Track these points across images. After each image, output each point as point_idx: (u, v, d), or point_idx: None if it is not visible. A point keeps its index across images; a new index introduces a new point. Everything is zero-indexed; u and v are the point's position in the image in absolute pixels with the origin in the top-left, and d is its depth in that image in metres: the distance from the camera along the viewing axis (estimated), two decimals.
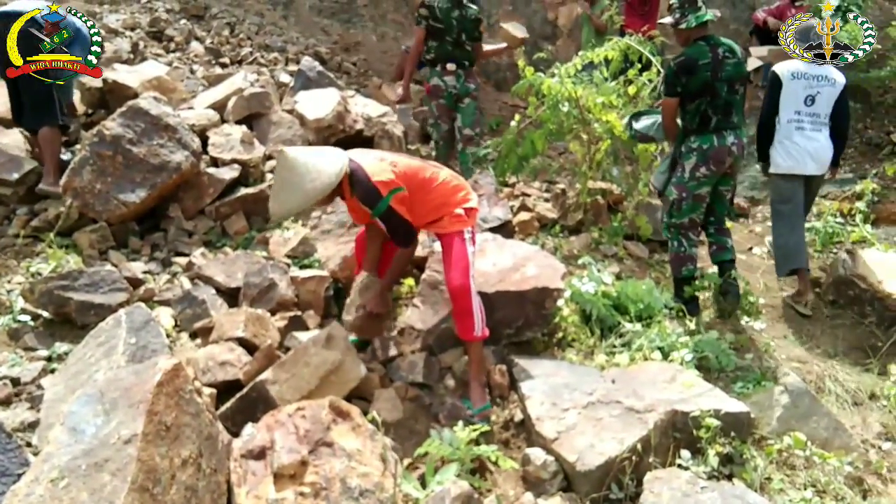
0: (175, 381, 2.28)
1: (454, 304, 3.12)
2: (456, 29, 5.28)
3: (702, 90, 3.95)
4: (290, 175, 2.86)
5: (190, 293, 3.63)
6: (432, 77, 5.33)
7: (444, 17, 5.26)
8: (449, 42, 5.28)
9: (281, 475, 2.26)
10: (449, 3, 5.28)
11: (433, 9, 5.29)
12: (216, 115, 5.10)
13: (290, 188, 2.86)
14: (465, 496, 2.15)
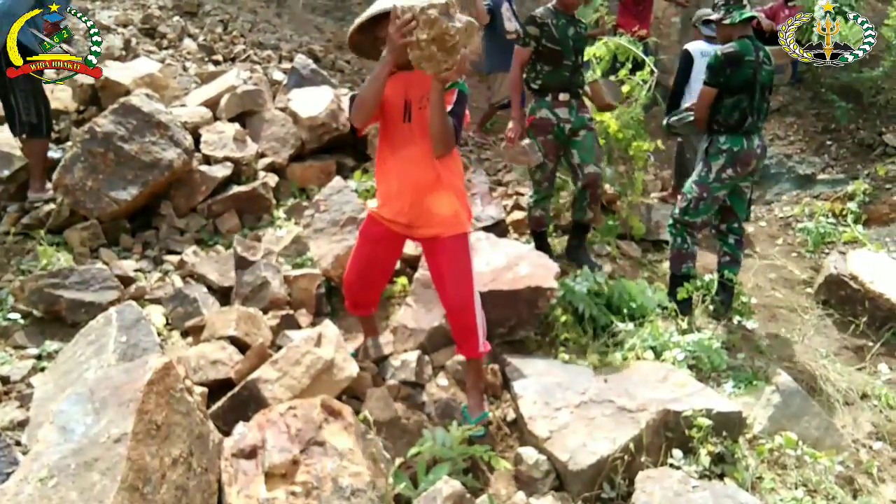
0: (166, 380, 2.26)
1: (455, 321, 2.89)
2: (572, 50, 4.27)
3: (742, 86, 3.88)
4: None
5: (181, 291, 3.62)
6: (539, 109, 4.28)
7: (561, 35, 4.21)
8: (567, 67, 4.26)
9: (272, 474, 2.25)
10: (565, 18, 4.26)
11: (546, 26, 4.21)
12: (209, 113, 5.08)
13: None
14: (457, 496, 2.14)
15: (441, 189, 2.84)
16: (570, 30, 4.24)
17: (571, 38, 4.23)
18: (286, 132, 5.15)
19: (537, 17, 4.21)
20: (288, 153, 5.08)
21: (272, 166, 4.98)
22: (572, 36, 4.24)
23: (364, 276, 3.07)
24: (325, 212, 4.14)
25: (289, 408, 2.44)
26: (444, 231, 2.84)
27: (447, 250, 2.85)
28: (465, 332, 2.90)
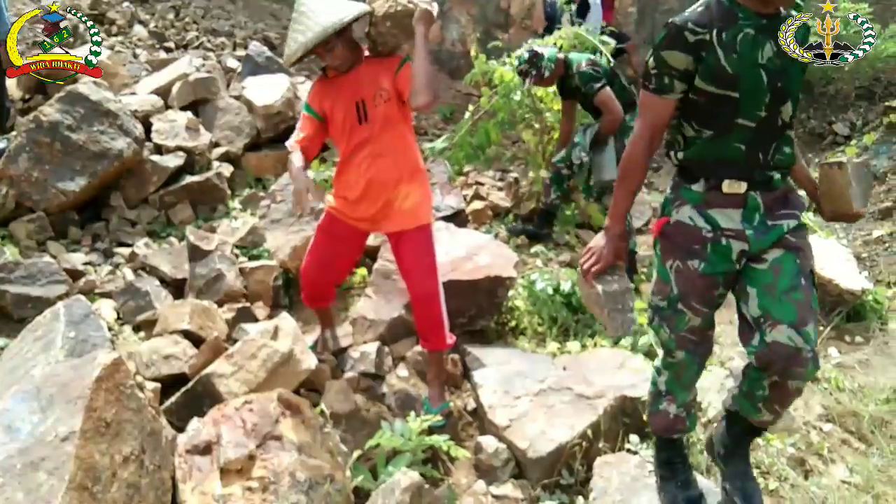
0: (115, 376, 2.20)
1: (421, 314, 2.88)
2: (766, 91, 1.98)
3: None
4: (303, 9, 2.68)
5: (133, 285, 3.53)
6: (678, 205, 2.12)
7: (742, 62, 1.96)
8: (747, 127, 1.98)
9: (228, 470, 2.21)
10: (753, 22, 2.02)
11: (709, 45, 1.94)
12: (160, 101, 4.96)
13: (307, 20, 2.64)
14: (415, 486, 2.14)
15: (404, 183, 2.84)
16: (762, 48, 1.98)
17: (764, 67, 1.97)
18: (241, 121, 5.06)
19: (689, 25, 1.93)
20: (243, 142, 4.99)
21: (227, 156, 4.89)
22: (767, 62, 1.97)
23: (324, 271, 3.04)
24: (282, 202, 4.08)
25: (244, 402, 2.40)
26: (407, 225, 2.85)
27: (411, 242, 2.85)
28: (431, 324, 2.90)
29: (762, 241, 2.03)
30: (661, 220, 2.19)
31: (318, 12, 2.62)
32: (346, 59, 2.77)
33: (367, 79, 2.78)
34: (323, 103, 2.84)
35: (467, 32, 8.85)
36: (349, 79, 2.80)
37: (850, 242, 5.30)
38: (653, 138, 2.07)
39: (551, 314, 3.64)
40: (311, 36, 2.61)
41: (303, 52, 2.66)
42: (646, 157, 2.10)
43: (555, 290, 3.67)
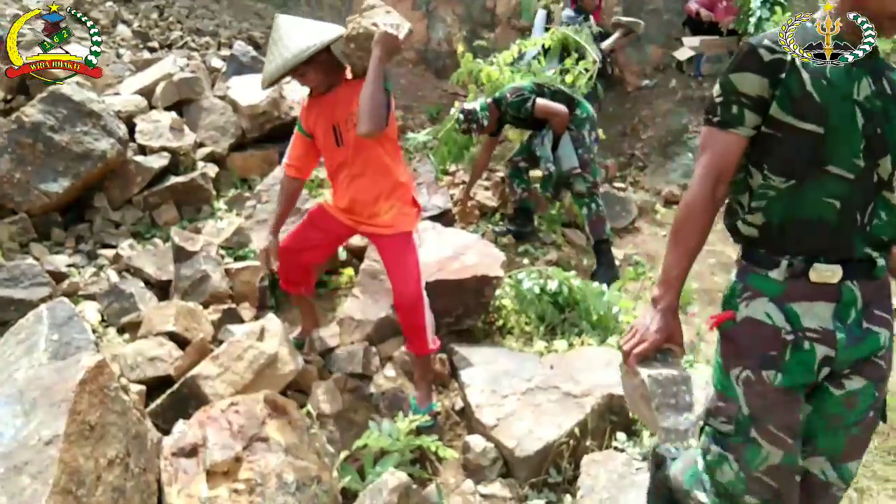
0: (99, 379, 2.18)
1: (404, 319, 2.90)
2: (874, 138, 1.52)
3: None
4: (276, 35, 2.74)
5: (117, 286, 3.50)
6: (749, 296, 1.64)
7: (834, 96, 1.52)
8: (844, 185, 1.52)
9: (214, 472, 2.20)
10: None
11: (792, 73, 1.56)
12: (144, 102, 4.91)
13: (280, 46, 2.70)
14: (402, 487, 2.13)
15: (383, 200, 2.90)
16: (858, 82, 1.56)
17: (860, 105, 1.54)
18: (226, 121, 5.02)
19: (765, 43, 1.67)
20: (228, 142, 4.96)
21: (212, 156, 4.86)
22: (864, 100, 1.54)
23: (299, 252, 3.09)
24: (268, 202, 4.06)
25: (230, 404, 2.39)
26: (385, 231, 2.90)
27: (391, 248, 2.89)
28: (414, 329, 2.91)
29: (851, 352, 1.57)
30: (724, 314, 1.69)
31: (289, 38, 2.68)
32: (320, 83, 2.83)
33: (341, 102, 2.80)
34: (309, 122, 2.93)
35: (453, 32, 8.84)
36: (328, 100, 2.85)
37: None
38: (717, 183, 1.60)
39: (538, 313, 3.65)
40: (279, 64, 2.69)
41: (271, 80, 2.79)
42: (708, 207, 1.60)
43: (542, 289, 3.68)
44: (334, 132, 2.84)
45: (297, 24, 2.76)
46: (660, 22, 8.36)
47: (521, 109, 4.62)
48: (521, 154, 4.94)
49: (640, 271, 4.77)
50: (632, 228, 5.72)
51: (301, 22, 2.80)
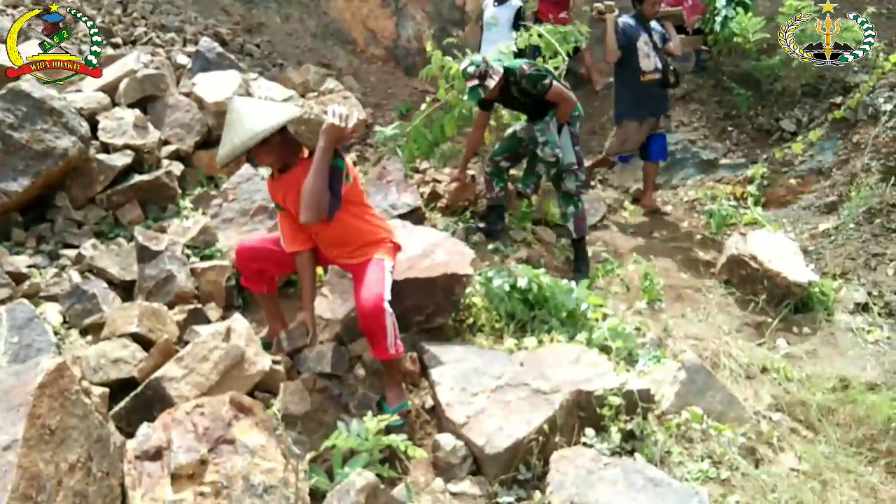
0: (59, 382, 2.14)
1: (364, 324, 2.88)
2: None
3: None
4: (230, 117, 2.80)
5: (79, 287, 3.42)
6: None
7: None
8: None
9: (179, 475, 2.17)
10: None
11: None
12: (107, 99, 4.81)
13: (232, 130, 2.77)
14: (370, 487, 2.12)
15: (358, 251, 3.05)
16: None
17: None
18: (191, 118, 4.94)
19: None
20: (193, 140, 4.88)
21: (177, 154, 4.78)
22: None
23: (263, 260, 3.14)
24: (234, 201, 4.01)
25: (196, 406, 2.35)
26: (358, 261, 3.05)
27: (362, 268, 2.99)
28: (375, 335, 2.88)
29: None
30: None
31: (241, 122, 2.74)
32: (275, 161, 2.93)
33: (298, 181, 2.83)
34: (278, 198, 3.04)
35: (423, 29, 8.82)
36: (286, 180, 2.95)
37: (797, 236, 5.44)
38: None
39: (508, 311, 3.66)
40: (233, 146, 2.75)
41: (226, 162, 2.84)
42: None
43: (512, 286, 3.68)
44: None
45: (251, 107, 2.82)
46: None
47: (537, 85, 4.45)
48: (503, 153, 4.92)
49: (609, 268, 4.81)
50: (600, 225, 5.77)
51: (256, 104, 2.88)
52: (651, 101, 5.62)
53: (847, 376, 3.77)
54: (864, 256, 5.05)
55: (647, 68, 5.50)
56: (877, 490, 3.01)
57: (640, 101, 5.59)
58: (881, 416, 3.38)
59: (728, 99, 7.05)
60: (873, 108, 5.97)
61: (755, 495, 2.78)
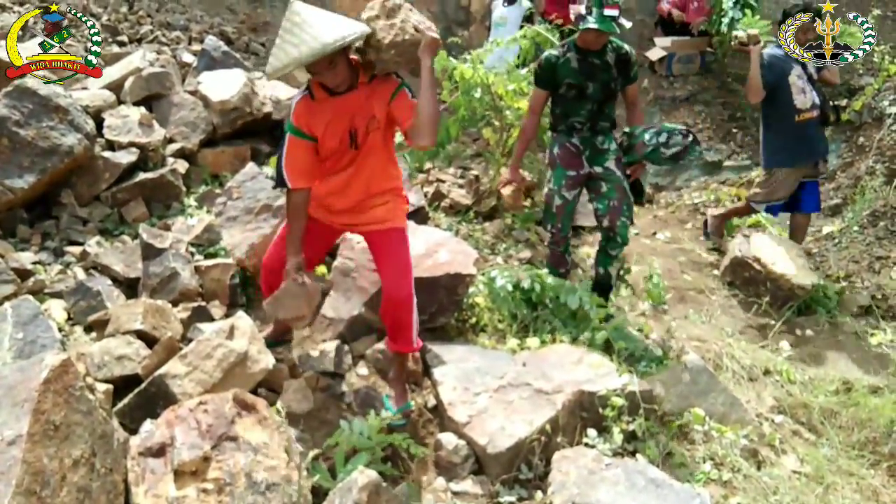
0: (64, 378, 2.15)
1: (393, 314, 2.82)
2: None
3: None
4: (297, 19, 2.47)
5: (84, 284, 3.44)
6: None
7: None
8: None
9: (182, 472, 2.17)
10: None
11: None
12: (112, 96, 4.83)
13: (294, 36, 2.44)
14: (372, 485, 2.12)
15: (377, 196, 2.85)
16: None
17: None
18: (196, 116, 4.95)
19: None
20: (198, 138, 4.89)
21: (182, 152, 4.79)
22: None
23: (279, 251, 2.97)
24: (239, 199, 4.01)
25: (199, 403, 2.36)
26: (379, 226, 2.87)
27: (384, 242, 2.85)
28: (401, 326, 2.86)
29: None
30: None
31: (316, 26, 2.43)
32: (345, 80, 2.61)
33: (360, 106, 2.66)
34: (312, 126, 2.69)
35: None
36: (341, 103, 2.66)
37: None
38: None
39: (511, 311, 3.66)
40: (305, 50, 2.40)
41: (295, 66, 2.46)
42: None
43: (515, 286, 3.69)
44: (351, 135, 2.70)
45: (322, 13, 2.53)
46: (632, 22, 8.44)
47: (633, 65, 3.88)
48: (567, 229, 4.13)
49: None
50: None
51: (323, 13, 2.55)
52: (808, 143, 4.78)
53: (850, 379, 3.77)
54: (868, 259, 5.05)
55: (802, 106, 4.68)
56: (879, 493, 3.01)
57: (796, 145, 4.76)
58: (884, 419, 3.38)
59: (733, 101, 7.06)
60: (878, 112, 5.97)
61: (757, 497, 2.78)
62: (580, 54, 3.72)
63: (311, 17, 2.46)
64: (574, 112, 3.82)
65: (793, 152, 4.79)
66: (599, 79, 3.74)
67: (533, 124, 4.03)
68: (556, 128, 3.97)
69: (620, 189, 3.79)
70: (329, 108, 2.66)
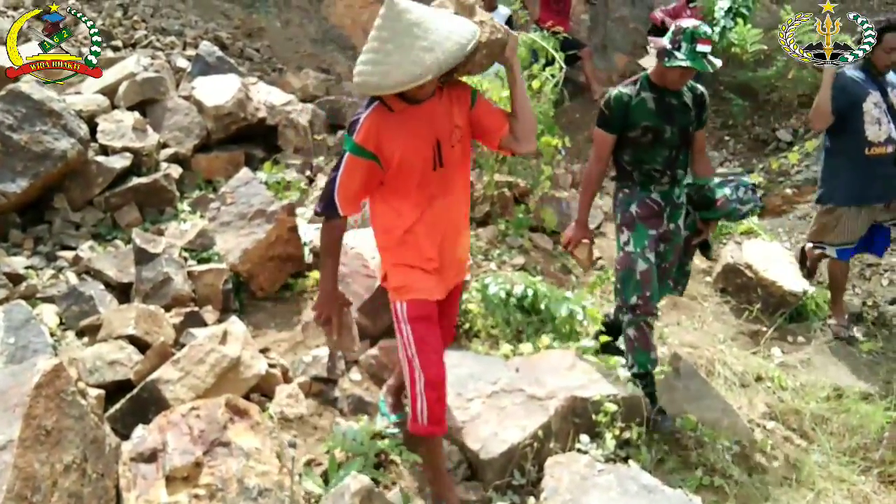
0: (56, 383, 2.15)
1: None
2: None
3: None
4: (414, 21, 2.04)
5: (76, 289, 3.43)
6: None
7: None
8: None
9: (173, 478, 2.17)
10: None
11: None
12: (106, 101, 4.83)
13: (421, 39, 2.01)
14: (364, 490, 2.12)
15: (463, 227, 2.52)
16: None
17: None
18: (190, 121, 4.96)
19: None
20: (192, 143, 4.90)
21: (175, 157, 4.79)
22: None
23: (441, 370, 2.47)
24: (233, 204, 4.00)
25: (191, 408, 2.35)
26: (462, 278, 2.64)
27: (457, 293, 2.68)
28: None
29: None
30: None
31: (440, 24, 2.06)
32: (434, 87, 2.24)
33: (441, 114, 2.27)
34: (384, 143, 2.22)
35: None
36: (423, 113, 2.25)
37: (793, 245, 5.46)
38: None
39: (504, 317, 3.67)
40: (441, 56, 2.00)
41: (436, 73, 2.01)
42: None
43: (508, 293, 3.70)
44: (436, 150, 2.28)
45: (428, 8, 2.16)
46: (626, 30, 8.50)
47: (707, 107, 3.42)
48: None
49: (605, 276, 4.83)
50: (597, 233, 5.78)
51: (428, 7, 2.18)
52: (880, 181, 4.13)
53: (841, 385, 3.79)
54: (859, 266, 5.08)
55: (874, 138, 4.06)
56: (869, 499, 3.03)
57: (864, 182, 4.12)
58: (874, 425, 3.40)
59: (725, 109, 7.09)
60: None
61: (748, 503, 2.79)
62: (656, 93, 3.21)
63: (427, 15, 2.08)
64: (649, 159, 3.24)
65: (860, 190, 4.14)
66: (678, 121, 3.23)
67: (600, 174, 3.37)
68: (627, 179, 3.33)
69: (677, 251, 3.41)
70: (409, 120, 2.24)
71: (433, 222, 2.34)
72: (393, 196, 2.33)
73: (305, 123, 5.55)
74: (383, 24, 2.06)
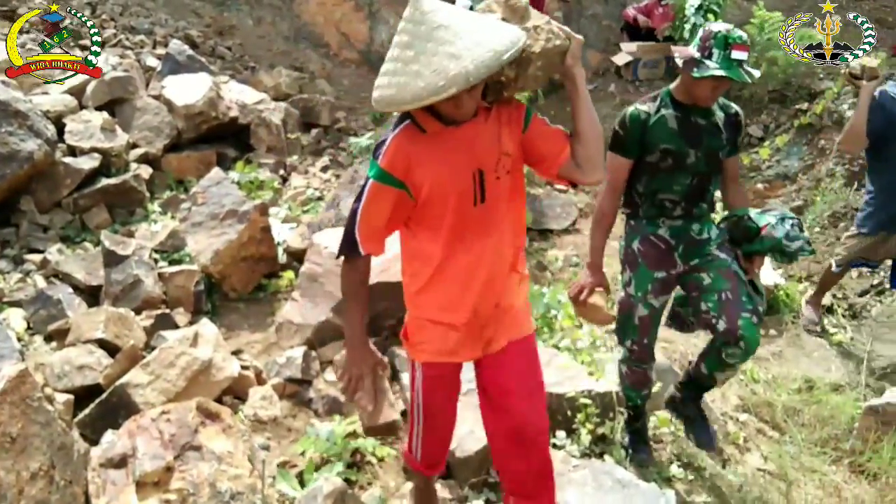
0: (21, 389, 2.10)
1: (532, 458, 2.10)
2: None
3: None
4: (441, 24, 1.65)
5: (44, 292, 3.37)
6: None
7: None
8: None
9: (144, 483, 2.14)
10: None
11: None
12: (74, 101, 4.76)
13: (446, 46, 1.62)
14: (338, 492, 2.11)
15: (514, 273, 2.06)
16: None
17: None
18: (160, 121, 4.90)
19: None
20: (163, 143, 4.84)
21: (145, 157, 4.73)
22: None
23: (446, 432, 2.31)
24: (204, 204, 3.96)
25: (162, 412, 2.32)
26: (517, 333, 2.07)
27: (519, 353, 2.08)
28: (544, 473, 2.11)
29: None
30: None
31: (472, 29, 1.66)
32: (474, 105, 1.82)
33: (486, 139, 1.87)
34: (414, 170, 1.84)
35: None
36: (462, 136, 1.85)
37: None
38: None
39: None
40: (471, 66, 1.59)
41: (463, 85, 1.59)
42: None
43: None
44: (477, 181, 1.87)
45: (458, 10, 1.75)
46: (599, 27, 8.54)
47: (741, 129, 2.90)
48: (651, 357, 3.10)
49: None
50: (572, 230, 5.80)
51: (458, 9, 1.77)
52: None
53: (812, 377, 3.84)
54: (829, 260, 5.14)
55: None
56: (840, 489, 3.07)
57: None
58: (845, 416, 3.45)
59: None
60: (838, 115, 6.09)
61: (721, 495, 2.82)
62: (679, 111, 2.68)
63: (459, 17, 1.69)
64: (666, 188, 2.71)
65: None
66: (705, 145, 2.68)
67: (614, 206, 2.80)
68: (635, 210, 2.83)
69: (730, 275, 2.67)
70: (443, 145, 1.84)
71: (469, 269, 1.93)
72: (421, 235, 1.96)
73: (278, 122, 5.52)
74: (405, 26, 1.73)
